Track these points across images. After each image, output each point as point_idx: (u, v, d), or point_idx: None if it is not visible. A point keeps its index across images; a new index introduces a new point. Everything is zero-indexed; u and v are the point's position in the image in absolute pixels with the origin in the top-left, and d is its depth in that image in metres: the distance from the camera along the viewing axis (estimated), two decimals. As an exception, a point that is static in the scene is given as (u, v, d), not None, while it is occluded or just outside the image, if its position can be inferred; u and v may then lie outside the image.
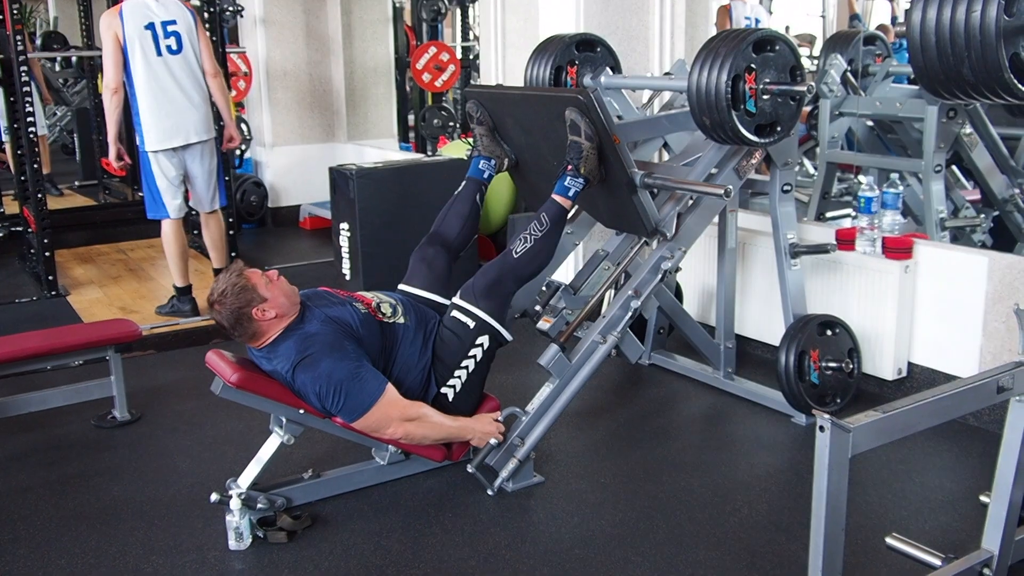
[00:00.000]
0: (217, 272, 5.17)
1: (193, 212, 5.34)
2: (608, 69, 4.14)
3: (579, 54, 4.07)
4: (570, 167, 3.27)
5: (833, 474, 2.00)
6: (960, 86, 2.32)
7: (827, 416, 1.97)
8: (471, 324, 3.16)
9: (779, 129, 3.24)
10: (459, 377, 3.17)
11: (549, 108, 3.35)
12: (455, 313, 3.19)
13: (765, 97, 3.16)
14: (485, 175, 3.65)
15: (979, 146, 4.54)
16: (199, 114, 4.88)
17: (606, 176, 3.34)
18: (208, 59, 4.95)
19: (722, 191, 3.25)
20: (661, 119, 3.97)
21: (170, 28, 4.75)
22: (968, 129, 4.51)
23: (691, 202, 3.54)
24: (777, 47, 3.16)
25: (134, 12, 4.68)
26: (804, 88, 3.15)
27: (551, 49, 4.05)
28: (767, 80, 3.15)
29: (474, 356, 3.17)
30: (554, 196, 3.29)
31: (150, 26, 4.70)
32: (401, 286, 3.44)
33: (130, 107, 4.87)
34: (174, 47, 4.76)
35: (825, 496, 2.01)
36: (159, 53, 4.72)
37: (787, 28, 9.51)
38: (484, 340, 3.17)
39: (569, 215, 3.46)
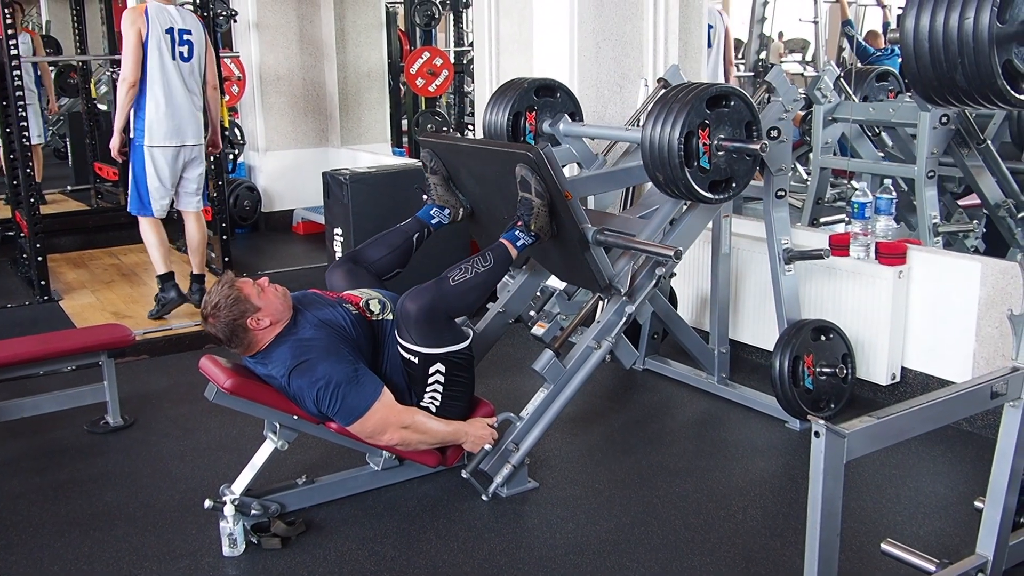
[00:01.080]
0: (195, 278, 5.22)
1: (175, 215, 5.46)
2: (567, 116, 4.07)
3: (538, 100, 4.00)
4: (520, 223, 3.19)
5: (828, 479, 2.01)
6: (953, 92, 2.32)
7: (822, 422, 1.98)
8: (415, 360, 3.06)
9: (734, 185, 3.21)
10: (433, 398, 3.12)
11: (501, 162, 3.27)
12: (399, 349, 3.09)
13: (720, 154, 3.13)
14: (433, 221, 3.56)
15: (986, 175, 4.57)
16: (197, 120, 5.07)
17: (558, 232, 3.26)
18: (211, 71, 5.20)
19: (671, 252, 3.16)
20: (617, 173, 3.87)
21: (186, 36, 4.99)
22: (977, 162, 4.54)
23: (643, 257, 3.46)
24: (732, 102, 3.13)
25: (159, 15, 4.88)
26: (757, 146, 3.10)
27: (510, 94, 3.98)
28: (721, 136, 3.12)
29: (437, 380, 3.10)
30: (503, 239, 3.21)
31: (170, 30, 4.92)
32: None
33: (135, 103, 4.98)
34: (186, 54, 4.99)
35: (820, 501, 2.01)
36: (173, 57, 4.93)
37: (780, 34, 9.55)
38: (438, 366, 3.07)
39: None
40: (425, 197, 3.65)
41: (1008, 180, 4.61)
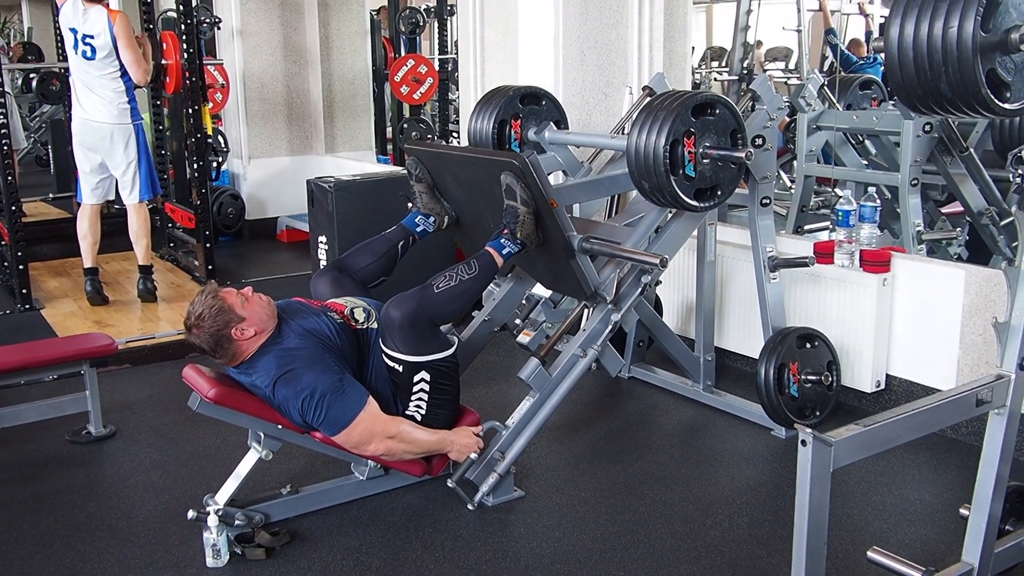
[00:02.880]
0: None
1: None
2: (552, 124, 4.07)
3: (524, 107, 4.01)
4: (506, 231, 3.18)
5: (815, 488, 2.01)
6: (937, 101, 2.32)
7: (809, 430, 1.98)
8: (400, 368, 3.05)
9: (719, 193, 3.21)
10: (419, 406, 3.11)
11: (486, 170, 3.27)
12: (383, 357, 3.08)
13: (705, 161, 3.14)
14: (419, 229, 3.55)
15: (968, 182, 4.60)
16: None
17: (544, 240, 3.26)
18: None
19: (657, 260, 3.16)
20: (603, 180, 3.86)
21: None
22: (960, 169, 4.56)
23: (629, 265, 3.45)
24: (718, 111, 3.14)
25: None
26: (742, 154, 3.11)
27: (495, 102, 3.98)
28: (707, 144, 3.12)
29: (422, 389, 3.09)
30: (488, 248, 3.20)
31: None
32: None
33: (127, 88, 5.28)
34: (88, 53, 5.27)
35: (807, 510, 2.01)
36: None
37: (759, 43, 9.57)
38: (423, 374, 3.07)
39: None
40: (410, 205, 3.64)
41: (991, 188, 4.64)
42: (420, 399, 3.10)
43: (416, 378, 3.07)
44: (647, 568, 2.81)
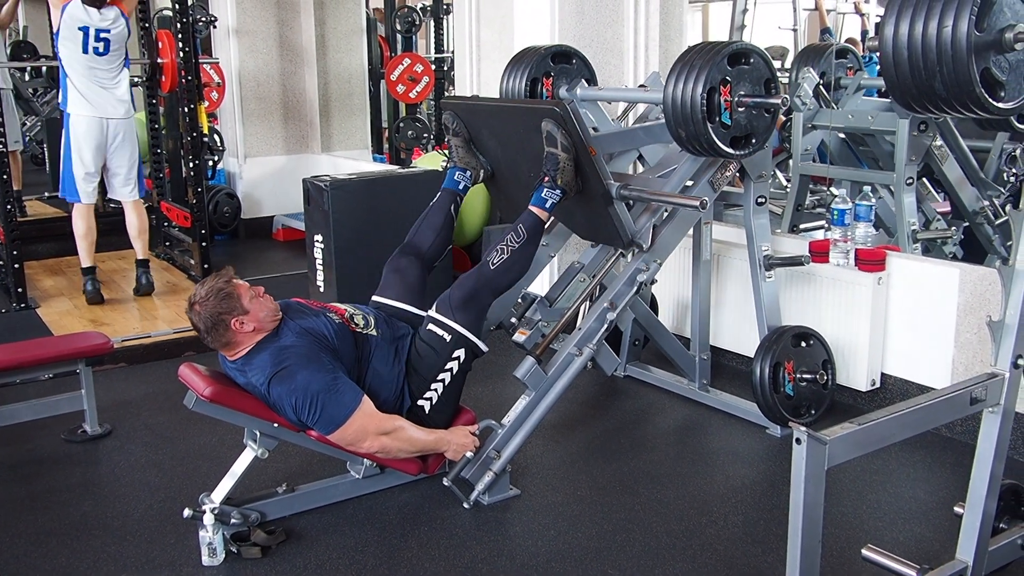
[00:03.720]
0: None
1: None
2: (584, 81, 4.15)
3: (554, 66, 4.08)
4: (547, 179, 3.26)
5: (810, 486, 2.01)
6: (932, 100, 2.34)
7: (803, 428, 1.98)
8: (448, 337, 3.14)
9: (754, 141, 3.25)
10: (435, 390, 3.16)
11: (525, 120, 3.34)
12: (431, 327, 3.17)
13: (740, 109, 3.17)
14: (460, 186, 3.64)
15: (949, 159, 4.59)
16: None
17: (582, 188, 3.34)
18: None
19: (698, 203, 3.26)
20: (637, 131, 3.98)
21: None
22: (939, 142, 4.55)
23: (666, 214, 3.55)
24: (752, 60, 3.17)
25: None
26: (778, 100, 3.17)
27: (526, 61, 4.05)
28: (742, 93, 3.16)
29: (450, 369, 3.16)
30: (531, 207, 3.29)
31: None
32: (375, 297, 3.43)
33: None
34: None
35: (802, 508, 2.02)
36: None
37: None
38: (461, 353, 3.16)
39: (546, 227, 3.46)
40: (443, 163, 3.67)
41: (967, 158, 4.63)
42: (443, 380, 3.16)
43: (455, 354, 3.15)
44: (643, 566, 2.82)
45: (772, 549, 2.88)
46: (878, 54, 2.38)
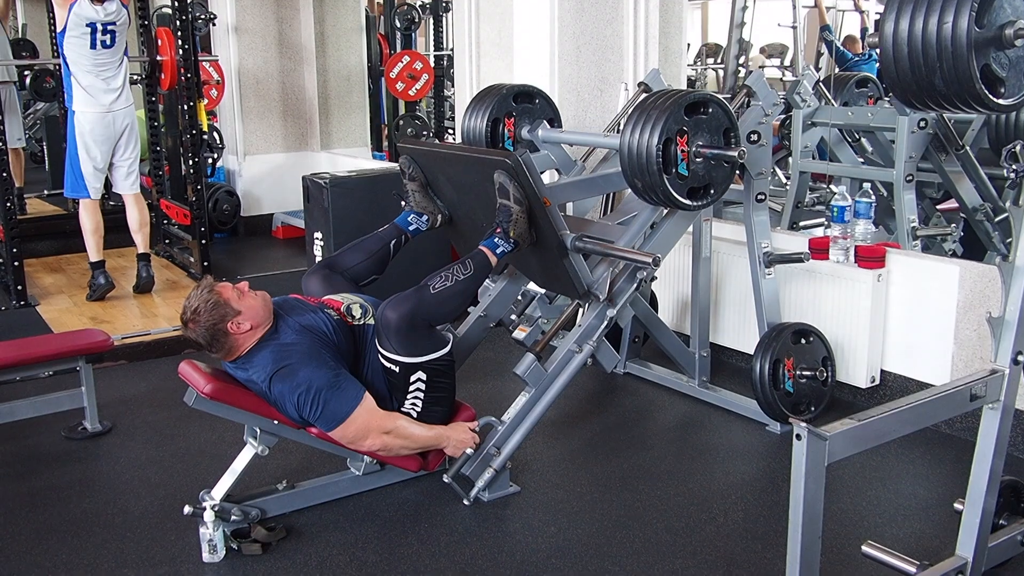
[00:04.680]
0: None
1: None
2: (546, 122, 4.06)
3: (517, 106, 4.00)
4: (499, 230, 3.19)
5: (810, 482, 2.01)
6: (932, 97, 2.33)
7: (803, 424, 1.98)
8: (397, 369, 3.05)
9: (712, 192, 3.21)
10: (414, 404, 3.11)
11: (479, 169, 3.25)
12: (379, 358, 3.08)
13: (698, 160, 3.13)
14: (411, 228, 3.54)
15: (966, 182, 4.61)
16: None
17: (537, 239, 3.26)
18: None
19: (650, 259, 3.16)
20: (596, 179, 3.84)
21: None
22: (956, 167, 4.56)
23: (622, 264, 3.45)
24: (711, 109, 3.13)
25: None
26: (735, 153, 3.11)
27: (488, 100, 3.98)
28: (700, 143, 3.12)
29: (418, 388, 3.08)
30: (482, 247, 3.20)
31: None
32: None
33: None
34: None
35: (802, 504, 2.02)
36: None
37: (749, 45, 9.56)
38: (419, 374, 3.06)
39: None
40: (403, 203, 3.63)
41: (987, 185, 4.64)
42: (416, 397, 3.09)
43: (412, 378, 3.06)
44: (643, 563, 2.82)
45: (772, 545, 2.88)
46: (878, 51, 2.38)
